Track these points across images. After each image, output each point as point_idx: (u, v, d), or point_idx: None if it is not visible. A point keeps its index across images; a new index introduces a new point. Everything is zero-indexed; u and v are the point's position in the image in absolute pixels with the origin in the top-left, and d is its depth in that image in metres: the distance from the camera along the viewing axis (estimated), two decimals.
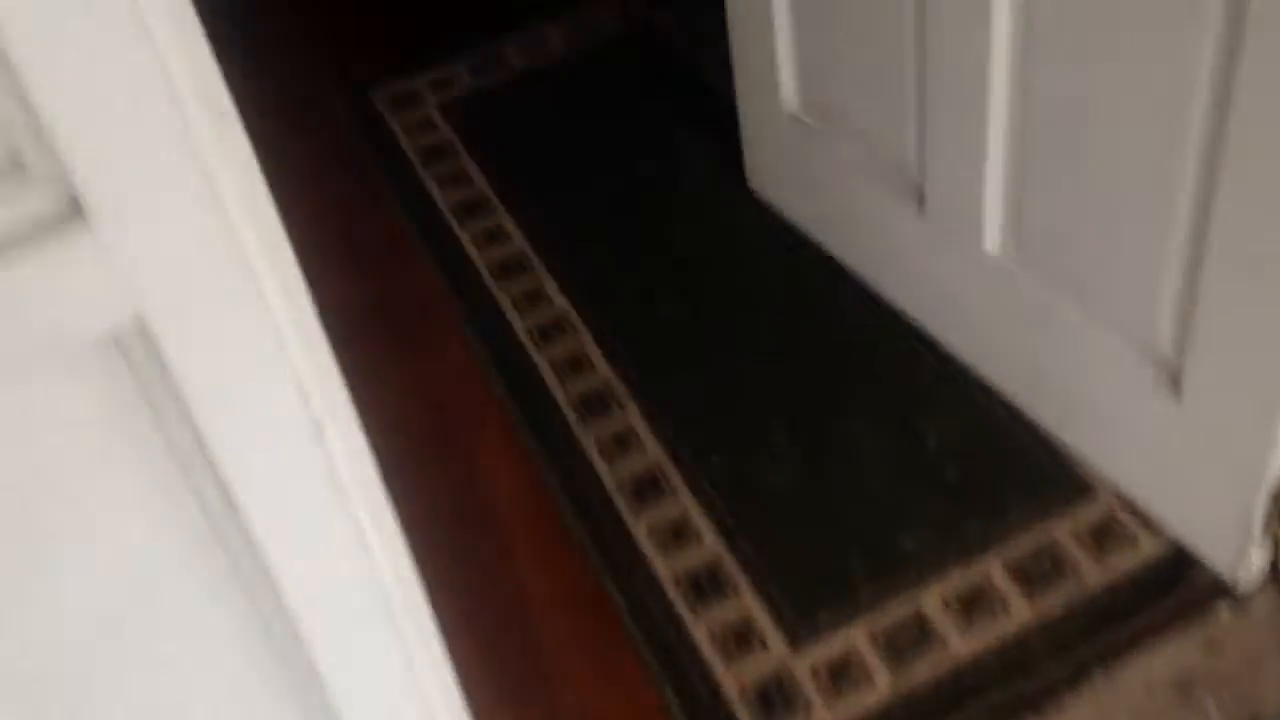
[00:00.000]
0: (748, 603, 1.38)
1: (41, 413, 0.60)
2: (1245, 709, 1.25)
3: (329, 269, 1.91)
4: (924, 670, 1.30)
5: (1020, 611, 1.33)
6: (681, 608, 1.38)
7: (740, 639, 1.35)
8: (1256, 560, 1.30)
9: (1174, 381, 1.26)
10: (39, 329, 0.57)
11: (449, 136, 2.09)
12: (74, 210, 0.55)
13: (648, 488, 1.51)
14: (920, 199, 1.51)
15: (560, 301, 1.79)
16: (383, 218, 1.98)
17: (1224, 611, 1.31)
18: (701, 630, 1.36)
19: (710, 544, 1.44)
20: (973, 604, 1.34)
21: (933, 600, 1.35)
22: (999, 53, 1.26)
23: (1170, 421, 1.28)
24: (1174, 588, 1.33)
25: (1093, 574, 1.35)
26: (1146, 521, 1.38)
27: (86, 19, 0.51)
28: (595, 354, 1.69)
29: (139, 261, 0.57)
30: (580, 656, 1.39)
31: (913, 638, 1.32)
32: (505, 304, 1.80)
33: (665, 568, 1.43)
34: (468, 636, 1.21)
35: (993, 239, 1.42)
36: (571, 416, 1.61)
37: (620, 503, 1.50)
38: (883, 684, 1.29)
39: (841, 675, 1.30)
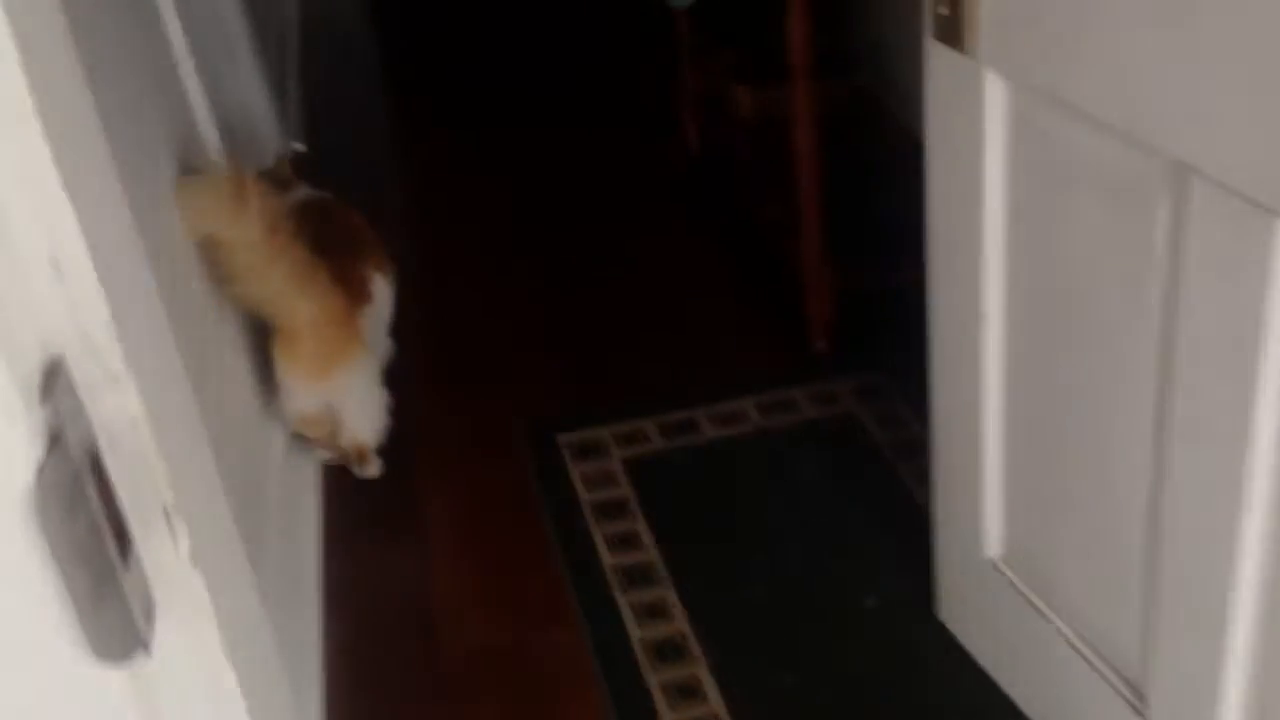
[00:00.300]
0: None
1: None
2: None
3: (471, 607, 1.82)
4: None
5: None
6: None
7: None
8: None
9: None
10: None
11: (627, 494, 2.01)
12: None
13: None
14: (1140, 698, 1.32)
15: (714, 697, 1.63)
16: (542, 567, 1.88)
17: None
18: None
19: None
20: None
21: None
22: (1250, 546, 1.09)
23: None
24: None
25: None
26: None
27: None
28: None
29: None
30: None
31: None
32: (654, 687, 1.65)
33: None
34: None
35: None
36: None
37: None
38: None
39: None
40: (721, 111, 2.72)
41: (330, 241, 1.92)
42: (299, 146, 2.13)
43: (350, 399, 1.94)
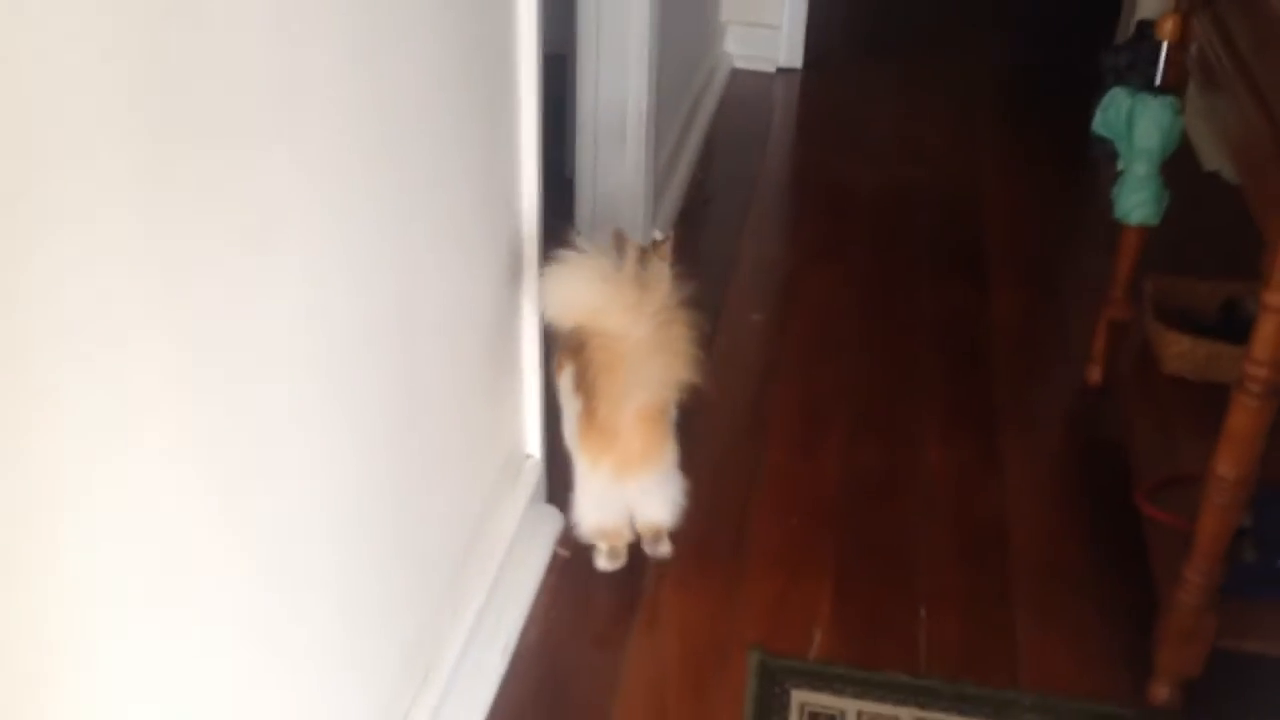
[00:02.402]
0: None
1: None
2: None
3: None
4: None
5: None
6: None
7: None
8: None
9: None
10: None
11: None
12: None
13: None
14: None
15: None
16: None
17: None
18: None
19: None
20: None
21: None
22: None
23: None
24: None
25: None
26: None
27: None
28: None
29: None
30: None
31: None
32: None
33: None
34: None
35: None
36: None
37: None
38: None
39: None
40: (1145, 349, 2.21)
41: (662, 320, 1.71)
42: (659, 235, 2.02)
43: (648, 495, 1.80)
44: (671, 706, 1.70)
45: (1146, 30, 2.20)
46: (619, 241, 1.78)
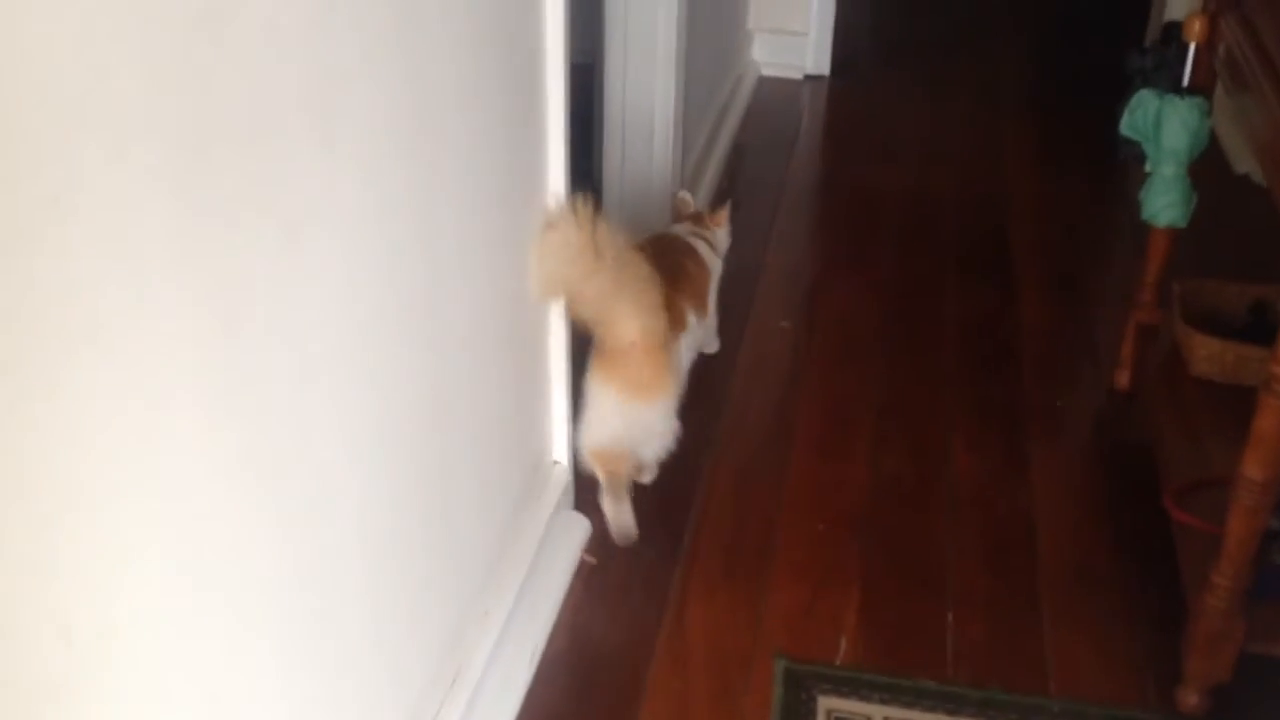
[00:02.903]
0: None
1: None
2: None
3: None
4: None
5: None
6: None
7: None
8: None
9: None
10: None
11: None
12: None
13: None
14: None
15: None
16: None
17: None
18: None
19: None
20: None
21: None
22: None
23: None
24: None
25: None
26: None
27: None
28: None
29: None
30: None
31: None
32: None
33: None
34: None
35: None
36: None
37: None
38: None
39: None
40: (1173, 352, 2.20)
41: (668, 275, 1.99)
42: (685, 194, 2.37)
43: (647, 424, 1.95)
44: (698, 713, 1.71)
45: (1174, 32, 2.19)
46: (681, 205, 2.30)
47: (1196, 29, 2.07)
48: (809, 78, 3.78)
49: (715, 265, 2.26)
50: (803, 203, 3.22)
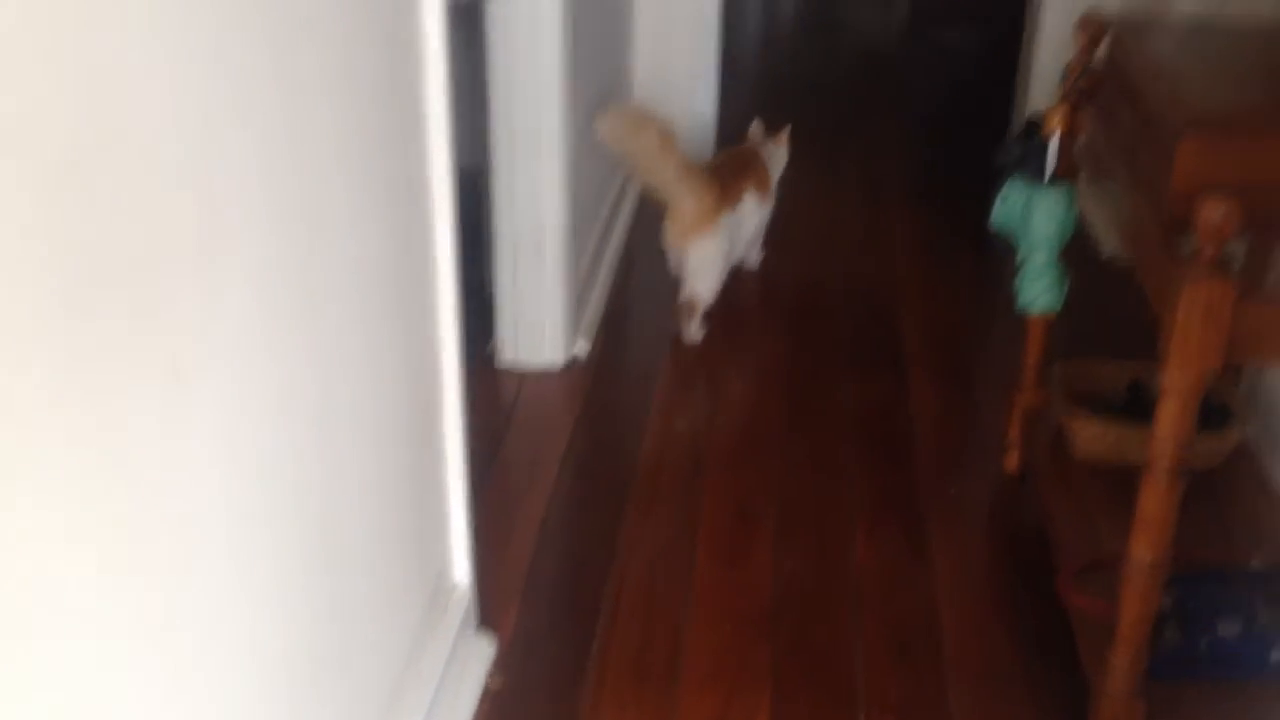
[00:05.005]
0: None
1: None
2: None
3: None
4: None
5: None
6: None
7: None
8: None
9: None
10: None
11: None
12: None
13: None
14: None
15: None
16: None
17: None
18: None
19: None
20: None
21: None
22: None
23: None
24: None
25: None
26: None
27: None
28: None
29: None
30: None
31: None
32: None
33: None
34: None
35: None
36: None
37: None
38: None
39: None
40: (1059, 433, 2.25)
41: (731, 166, 3.02)
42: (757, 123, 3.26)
43: (695, 262, 2.84)
44: None
45: (1035, 124, 2.28)
46: (753, 131, 3.20)
47: (1056, 121, 2.16)
48: None
49: (775, 167, 3.18)
50: None
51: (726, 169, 2.96)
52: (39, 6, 0.81)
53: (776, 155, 3.19)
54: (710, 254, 2.83)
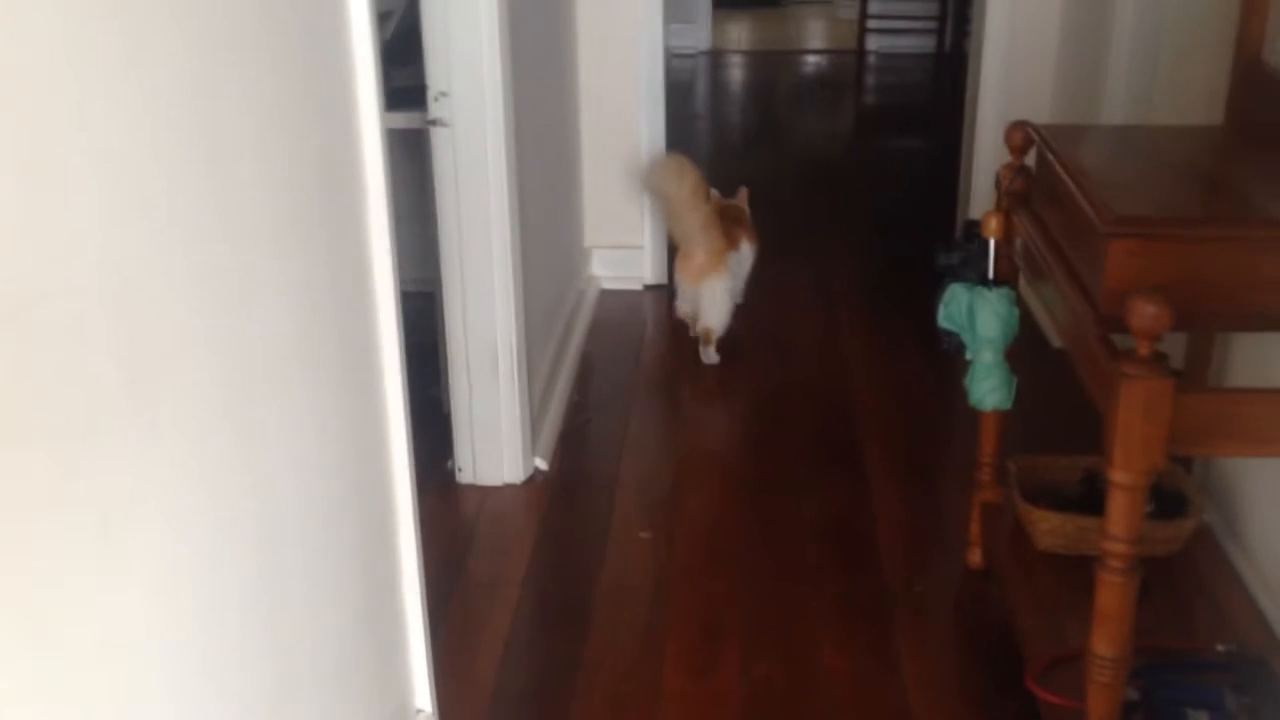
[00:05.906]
0: None
1: None
2: None
3: None
4: None
5: None
6: None
7: None
8: None
9: None
10: None
11: None
12: None
13: None
14: None
15: None
16: None
17: None
18: None
19: None
20: None
21: None
22: None
23: None
24: None
25: None
26: None
27: None
28: None
29: None
30: None
31: None
32: None
33: None
34: None
35: None
36: None
37: None
38: None
39: None
40: (1018, 528, 2.27)
41: (729, 217, 3.48)
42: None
43: (707, 299, 3.35)
44: None
45: (974, 229, 2.34)
46: (740, 194, 3.68)
47: (993, 226, 2.22)
48: (649, 287, 3.91)
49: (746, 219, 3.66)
50: (653, 409, 3.27)
51: (726, 219, 3.44)
52: None
53: (745, 209, 3.77)
54: (720, 291, 3.34)
